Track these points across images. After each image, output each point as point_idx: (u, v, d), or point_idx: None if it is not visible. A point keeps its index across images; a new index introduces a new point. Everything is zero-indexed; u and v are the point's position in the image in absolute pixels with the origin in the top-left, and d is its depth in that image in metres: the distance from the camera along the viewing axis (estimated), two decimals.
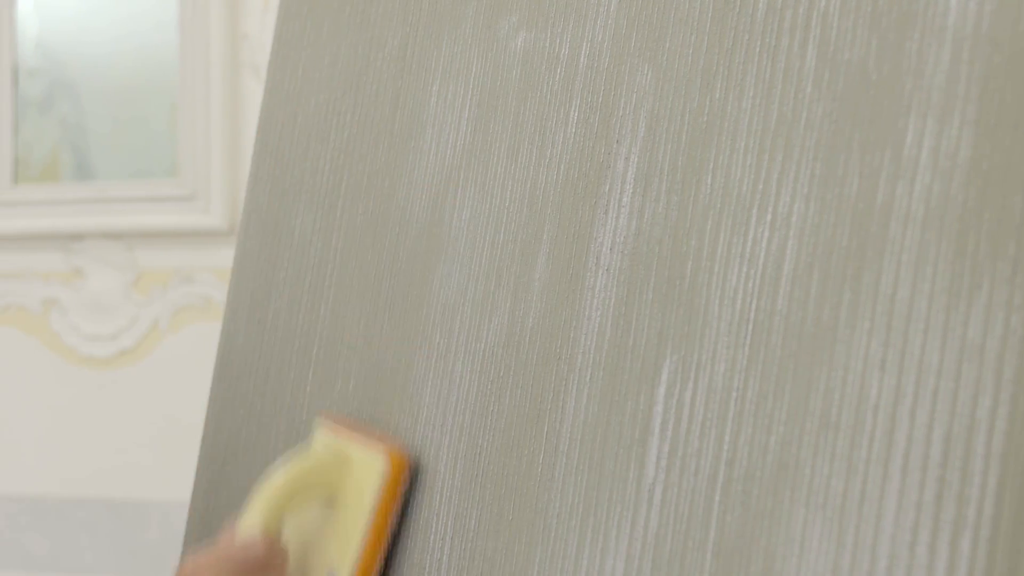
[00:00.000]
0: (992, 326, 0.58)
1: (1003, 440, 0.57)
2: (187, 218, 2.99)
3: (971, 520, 0.58)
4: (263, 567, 0.99)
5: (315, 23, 1.24)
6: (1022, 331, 0.58)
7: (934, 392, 0.60)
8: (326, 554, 1.02)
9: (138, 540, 3.16)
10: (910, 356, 0.62)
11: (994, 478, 0.57)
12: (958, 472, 0.58)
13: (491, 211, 0.95)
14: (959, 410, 0.59)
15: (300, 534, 1.05)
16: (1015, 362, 0.58)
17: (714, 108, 0.77)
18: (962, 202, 0.61)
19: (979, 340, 0.59)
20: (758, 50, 0.75)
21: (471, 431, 0.92)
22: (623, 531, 0.77)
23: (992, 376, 0.58)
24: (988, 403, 0.58)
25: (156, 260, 3.05)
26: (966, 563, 0.57)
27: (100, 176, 3.14)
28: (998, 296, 0.59)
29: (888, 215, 0.64)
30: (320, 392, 1.12)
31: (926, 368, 0.61)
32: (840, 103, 0.69)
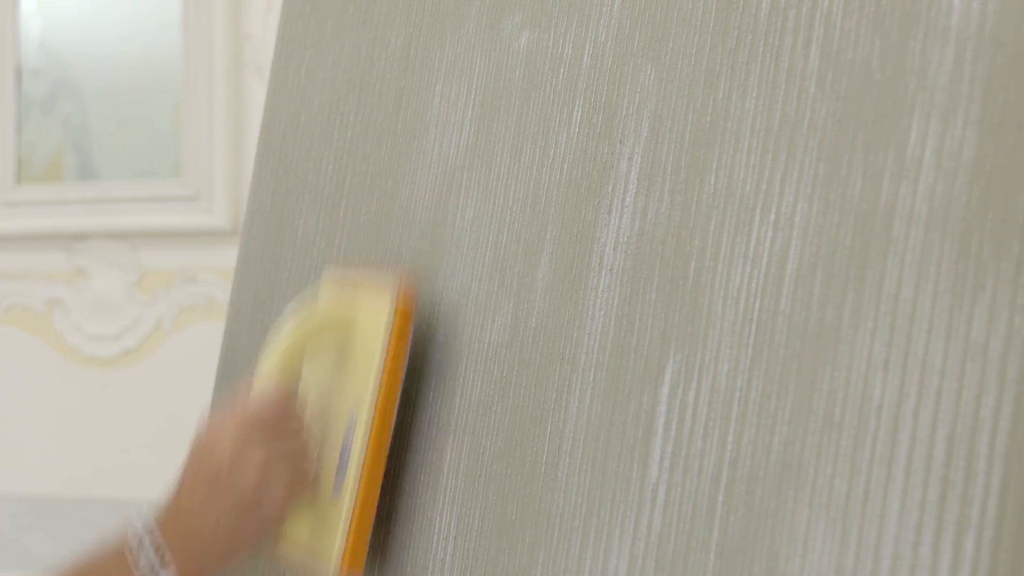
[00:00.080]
0: (995, 326, 0.58)
1: (1006, 440, 0.57)
2: (190, 218, 2.99)
3: (975, 520, 0.58)
4: (281, 417, 0.99)
5: (318, 23, 1.24)
6: None
7: (937, 392, 0.60)
8: (344, 400, 1.01)
9: None
10: (913, 356, 0.62)
11: (997, 478, 0.57)
12: (961, 472, 0.58)
13: (494, 211, 0.95)
14: (962, 410, 0.59)
15: (316, 385, 1.05)
16: (1018, 362, 0.58)
17: (717, 108, 0.77)
18: (965, 202, 0.61)
19: (982, 340, 0.59)
20: (761, 50, 0.75)
21: (474, 431, 0.92)
22: (626, 531, 0.77)
23: (995, 376, 0.58)
24: (991, 403, 0.58)
25: (159, 260, 3.05)
26: (969, 563, 0.57)
27: (103, 176, 3.14)
28: (1001, 296, 0.58)
29: (892, 215, 0.64)
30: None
31: (929, 368, 0.61)
32: (843, 103, 0.69)
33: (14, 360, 3.16)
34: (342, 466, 0.99)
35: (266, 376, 1.01)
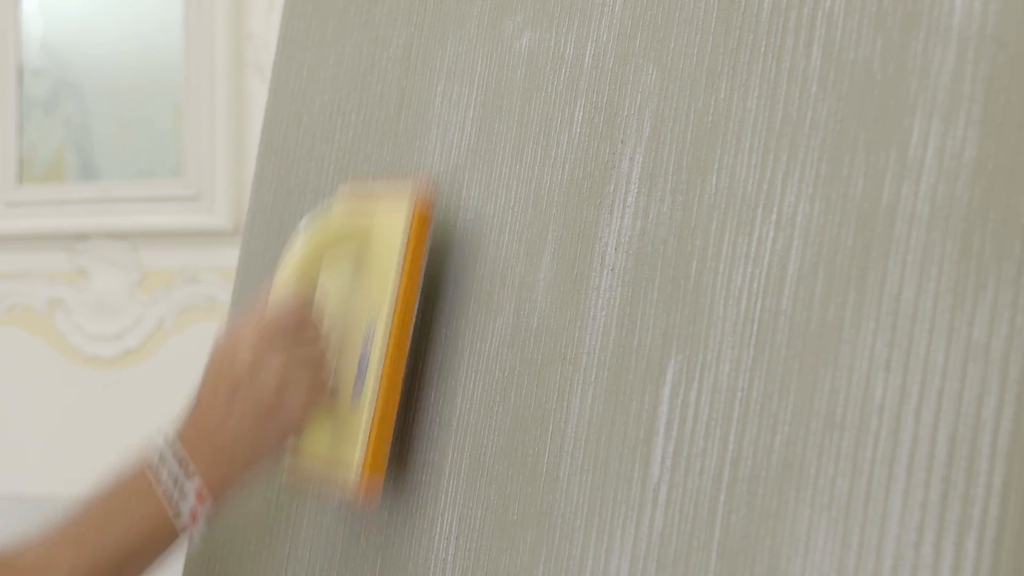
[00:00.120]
0: (997, 326, 0.58)
1: (1008, 440, 0.57)
2: (192, 218, 2.99)
3: (976, 520, 0.58)
4: (300, 324, 0.99)
5: (320, 23, 1.24)
6: None
7: (939, 392, 0.60)
8: (362, 309, 1.01)
9: None
10: (915, 356, 0.62)
11: (999, 478, 0.57)
12: (963, 472, 0.58)
13: (496, 211, 0.95)
14: (964, 410, 0.59)
15: (334, 295, 1.04)
16: (1020, 362, 0.58)
17: (719, 108, 0.77)
18: (967, 202, 0.61)
19: (984, 340, 0.59)
20: (763, 50, 0.75)
21: (476, 431, 0.92)
22: (628, 531, 0.77)
23: (997, 376, 0.58)
24: (993, 403, 0.58)
25: (161, 260, 3.04)
26: (971, 563, 0.57)
27: (105, 176, 3.14)
28: (1003, 296, 0.58)
29: (893, 215, 0.64)
30: None
31: (931, 368, 0.61)
32: (845, 103, 0.69)
33: (15, 360, 3.16)
34: (360, 375, 0.98)
35: (283, 286, 1.00)
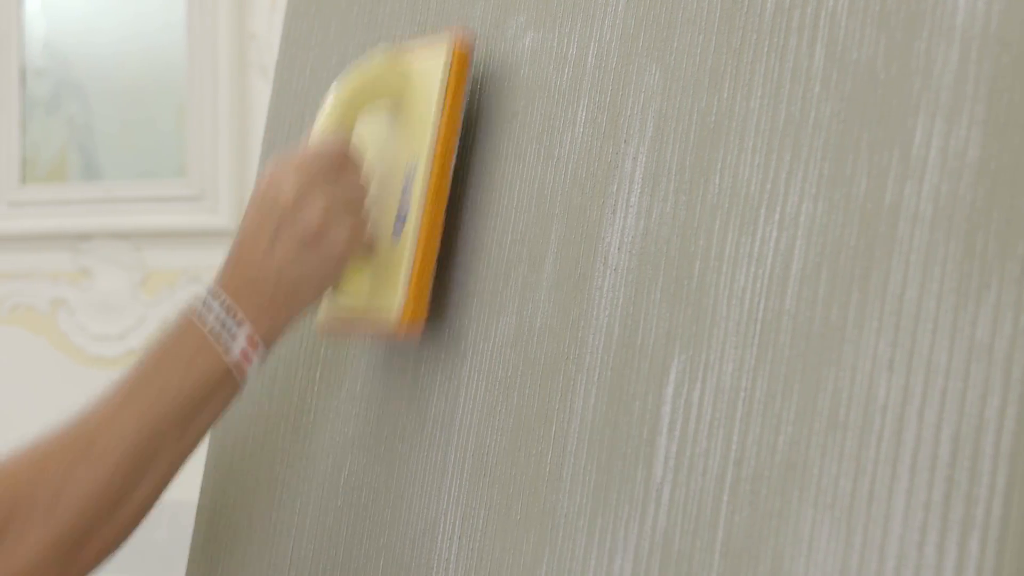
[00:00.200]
0: (1001, 326, 0.58)
1: (1011, 440, 0.57)
2: (195, 218, 2.99)
3: (980, 520, 0.58)
4: (340, 165, 0.98)
5: (323, 23, 1.24)
6: None
7: (942, 392, 0.60)
8: (401, 153, 1.00)
9: (147, 540, 3.16)
10: (918, 356, 0.62)
11: (1003, 478, 0.57)
12: (967, 472, 0.58)
13: (499, 211, 0.95)
14: (968, 410, 0.59)
15: (374, 142, 1.03)
16: (1023, 362, 0.58)
17: (722, 108, 0.77)
18: (971, 202, 0.61)
19: (988, 340, 0.59)
20: (766, 50, 0.75)
21: (478, 430, 0.92)
22: (631, 531, 0.77)
23: (1001, 376, 0.58)
24: (997, 403, 0.58)
25: (164, 260, 3.05)
26: (975, 563, 0.57)
27: (107, 176, 3.15)
28: (1007, 296, 0.58)
29: (896, 215, 0.64)
30: (328, 391, 1.12)
31: (934, 368, 0.61)
32: (848, 103, 0.69)
33: (19, 360, 3.16)
34: (401, 216, 0.98)
35: (322, 132, 1.00)
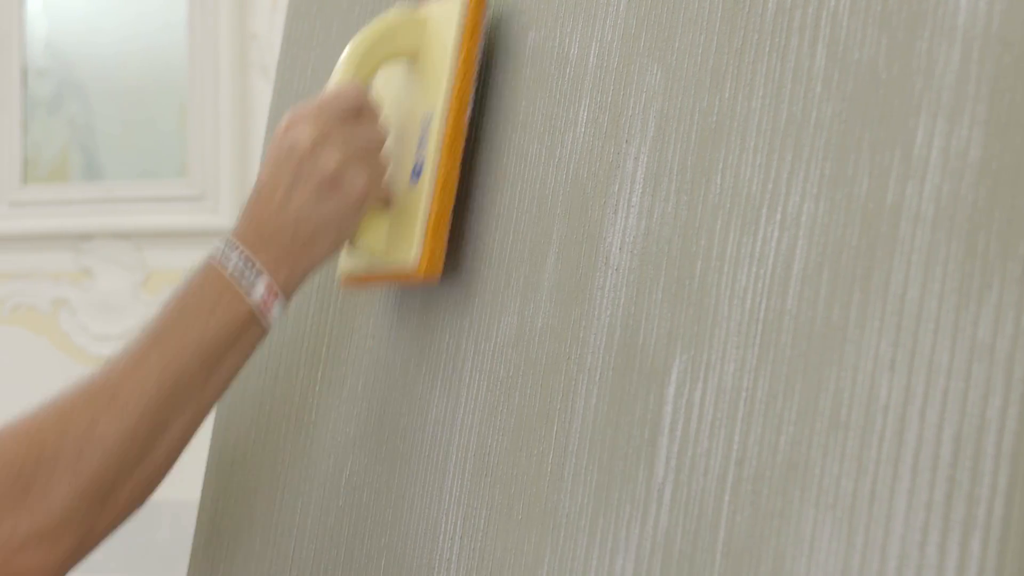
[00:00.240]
0: (1002, 326, 0.58)
1: (1013, 440, 0.57)
2: (196, 218, 3.00)
3: (981, 520, 0.58)
4: (358, 112, 0.98)
5: (324, 23, 1.24)
6: None
7: (944, 392, 0.60)
8: (419, 103, 1.00)
9: (149, 540, 3.16)
10: (920, 356, 0.62)
11: (1004, 478, 0.57)
12: (968, 472, 0.58)
13: (500, 211, 0.95)
14: (969, 410, 0.59)
15: (390, 95, 1.03)
16: None
17: (723, 108, 0.77)
18: (972, 202, 0.61)
19: (989, 340, 0.59)
20: (768, 50, 0.75)
21: (480, 430, 0.92)
22: (633, 531, 0.77)
23: (1002, 376, 0.58)
24: (998, 403, 0.58)
25: (165, 260, 3.05)
26: (976, 563, 0.57)
27: (109, 176, 3.15)
28: (1008, 296, 0.58)
29: (898, 215, 0.64)
30: (329, 391, 1.12)
31: (936, 368, 0.61)
32: (850, 103, 0.69)
33: (20, 360, 3.16)
34: (418, 163, 0.98)
35: (341, 78, 1.00)
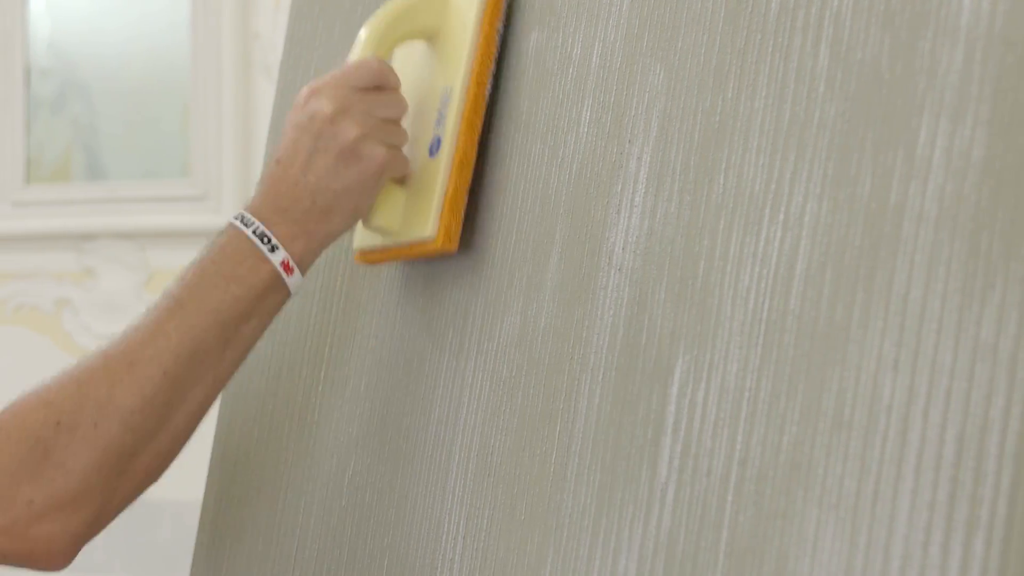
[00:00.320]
0: (1005, 326, 0.58)
1: (1016, 440, 0.57)
2: (199, 218, 3.00)
3: (984, 520, 0.58)
4: (378, 84, 0.99)
5: (327, 23, 1.24)
6: None
7: (947, 392, 0.60)
8: (438, 78, 1.01)
9: (151, 540, 3.16)
10: (923, 356, 0.62)
11: (1007, 478, 0.57)
12: (971, 472, 0.58)
13: (503, 210, 0.95)
14: (972, 410, 0.59)
15: (409, 72, 1.03)
16: None
17: (726, 108, 0.77)
18: (975, 202, 0.61)
19: (992, 340, 0.59)
20: (771, 50, 0.75)
21: (483, 430, 0.93)
22: (636, 531, 0.77)
23: (1005, 376, 0.58)
24: (1001, 403, 0.58)
25: (168, 260, 3.05)
26: (979, 563, 0.57)
27: (112, 176, 3.15)
28: (1012, 296, 0.58)
29: (901, 215, 0.64)
30: (332, 391, 1.12)
31: (939, 368, 0.61)
32: (853, 103, 0.69)
33: (23, 360, 3.16)
34: (435, 143, 0.98)
35: (361, 51, 1.00)
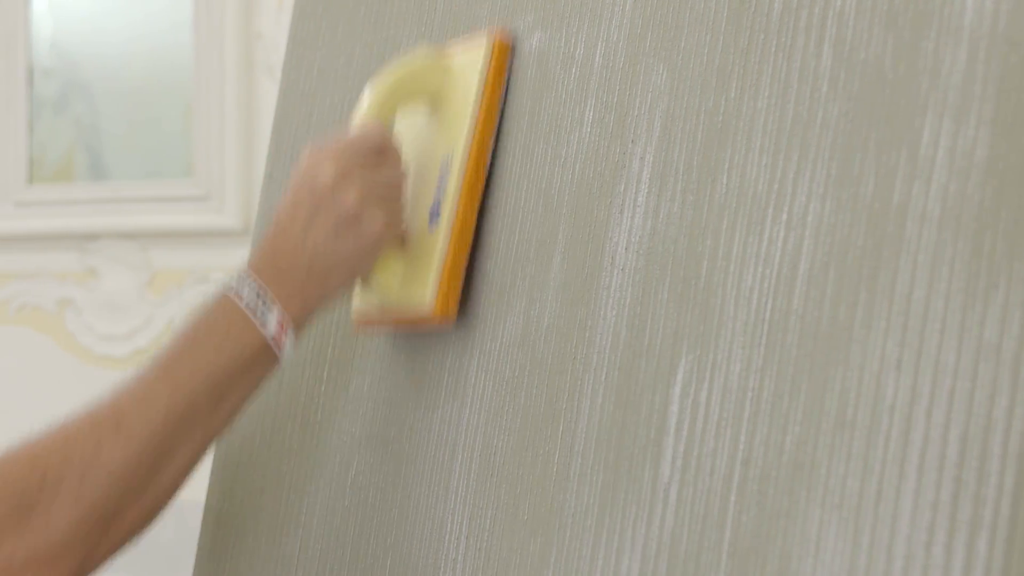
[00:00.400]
0: (1009, 326, 0.58)
1: (1020, 440, 0.57)
2: (201, 218, 2.99)
3: (988, 520, 0.57)
4: (379, 152, 0.99)
5: (330, 23, 1.24)
6: None
7: (950, 392, 0.60)
8: (439, 144, 1.01)
9: (153, 540, 3.16)
10: (926, 356, 0.62)
11: (1011, 478, 0.57)
12: (975, 472, 0.58)
13: (506, 210, 0.95)
14: (975, 410, 0.59)
15: (411, 136, 1.04)
16: None
17: (729, 107, 0.77)
18: (979, 202, 0.61)
19: (996, 340, 0.59)
20: (774, 49, 0.74)
21: (486, 430, 0.93)
22: (638, 531, 0.77)
23: (1009, 376, 0.58)
24: (1005, 403, 0.58)
25: (170, 260, 3.05)
26: (982, 563, 0.57)
27: (114, 176, 3.15)
28: (1015, 296, 0.58)
29: (904, 215, 0.64)
30: (335, 391, 1.12)
31: (942, 368, 0.61)
32: (856, 102, 0.69)
33: (26, 360, 3.16)
34: (436, 205, 0.98)
35: (363, 117, 1.01)
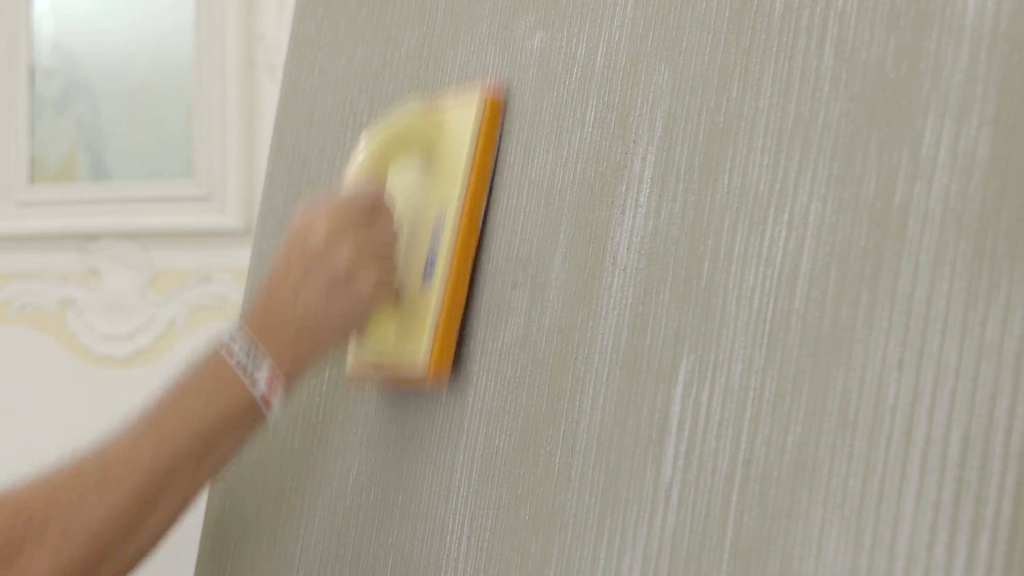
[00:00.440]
0: (1011, 326, 0.58)
1: (1021, 440, 0.57)
2: (203, 218, 2.99)
3: (989, 520, 0.57)
4: (372, 211, 0.99)
5: (331, 23, 1.24)
6: None
7: (952, 392, 0.60)
8: (432, 200, 1.01)
9: None
10: (928, 356, 0.62)
11: (1012, 478, 0.57)
12: (976, 472, 0.58)
13: (507, 210, 0.95)
14: (977, 410, 0.59)
15: (403, 191, 1.04)
16: None
17: (731, 108, 0.77)
18: (980, 202, 0.61)
19: (997, 340, 0.59)
20: (775, 50, 0.74)
21: (487, 430, 0.93)
22: (640, 531, 0.77)
23: (1010, 376, 0.58)
24: (1006, 403, 0.58)
25: (172, 260, 3.05)
26: (984, 563, 0.57)
27: (116, 176, 3.15)
28: (1016, 296, 0.58)
29: (906, 215, 0.64)
30: (336, 392, 1.12)
31: (944, 368, 0.61)
32: (857, 103, 0.69)
33: (27, 360, 3.16)
34: (430, 263, 0.99)
35: (356, 175, 1.01)
